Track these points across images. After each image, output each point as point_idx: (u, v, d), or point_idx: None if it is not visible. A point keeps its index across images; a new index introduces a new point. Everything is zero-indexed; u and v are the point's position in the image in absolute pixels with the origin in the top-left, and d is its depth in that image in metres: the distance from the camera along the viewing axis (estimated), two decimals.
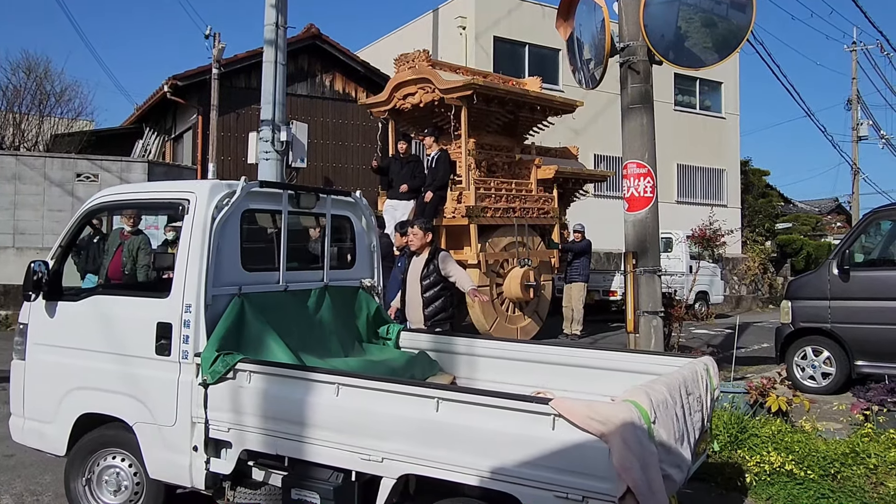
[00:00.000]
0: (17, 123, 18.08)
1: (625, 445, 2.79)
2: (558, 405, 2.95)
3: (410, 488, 3.50)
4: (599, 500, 2.86)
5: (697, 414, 3.62)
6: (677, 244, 16.60)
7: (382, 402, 3.41)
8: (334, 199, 4.95)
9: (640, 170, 6.66)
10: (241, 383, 3.74)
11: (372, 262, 5.34)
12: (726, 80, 24.53)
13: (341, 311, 4.91)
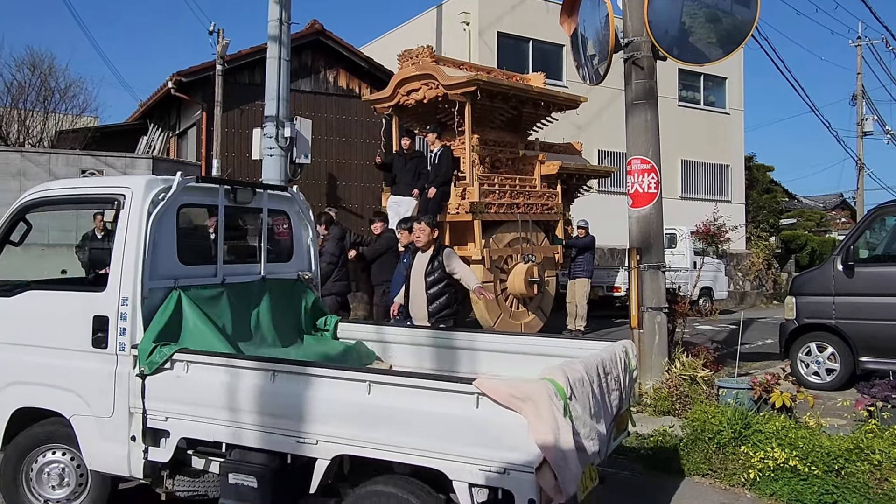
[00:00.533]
0: (22, 120, 18.11)
1: (542, 420, 2.99)
2: (481, 384, 3.14)
3: (345, 468, 3.64)
4: (519, 471, 3.06)
5: (615, 393, 3.88)
6: (681, 240, 16.59)
7: (316, 387, 3.55)
8: (271, 194, 5.03)
9: (645, 166, 6.66)
10: (179, 373, 3.85)
11: (309, 255, 5.42)
12: (731, 76, 24.46)
13: (279, 303, 5.00)
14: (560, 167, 12.58)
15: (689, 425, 5.45)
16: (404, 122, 12.62)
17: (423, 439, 3.27)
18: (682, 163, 23.19)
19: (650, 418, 5.90)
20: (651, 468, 5.30)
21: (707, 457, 5.20)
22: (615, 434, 3.99)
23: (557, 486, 2.99)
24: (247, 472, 3.65)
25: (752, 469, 4.89)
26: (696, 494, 4.82)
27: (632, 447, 5.54)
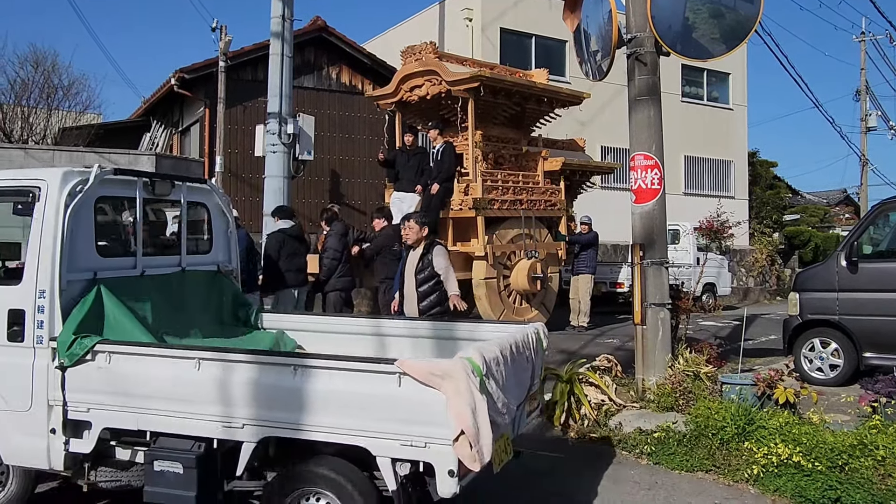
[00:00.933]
0: (26, 117, 18.13)
1: (460, 395, 3.23)
2: (402, 364, 3.34)
3: (270, 451, 3.73)
4: (439, 444, 3.27)
5: (527, 372, 4.17)
6: (685, 236, 16.57)
7: (242, 373, 3.64)
8: (190, 187, 5.05)
9: (648, 162, 6.65)
10: (101, 364, 3.88)
11: (229, 247, 5.45)
12: (734, 71, 24.40)
13: (199, 294, 5.05)
14: (563, 163, 12.57)
15: (693, 421, 5.45)
16: (407, 119, 12.62)
17: (348, 419, 3.42)
18: (686, 158, 23.15)
19: (654, 414, 5.90)
20: (655, 464, 5.30)
21: (710, 453, 5.20)
22: (528, 410, 4.29)
23: (474, 455, 3.21)
24: (172, 458, 3.69)
25: (756, 465, 4.89)
26: (699, 490, 4.82)
27: (635, 443, 5.54)
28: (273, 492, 3.64)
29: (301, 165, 11.59)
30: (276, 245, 8.26)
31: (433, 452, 3.29)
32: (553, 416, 6.18)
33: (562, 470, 5.19)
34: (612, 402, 6.21)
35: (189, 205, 5.02)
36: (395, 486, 3.36)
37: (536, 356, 4.36)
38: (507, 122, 12.24)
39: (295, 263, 8.41)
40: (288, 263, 8.29)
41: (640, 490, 4.80)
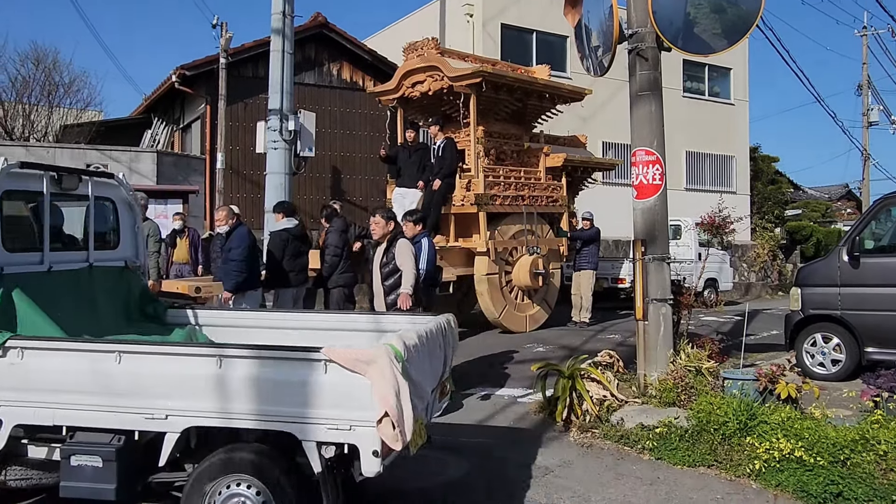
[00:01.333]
0: (27, 114, 18.16)
1: (384, 380, 3.40)
2: (328, 352, 3.48)
3: (191, 441, 3.77)
4: (363, 426, 3.42)
5: (440, 360, 4.38)
6: (686, 231, 16.55)
7: (166, 364, 3.69)
8: (97, 181, 5.01)
9: (649, 157, 6.64)
10: (13, 360, 3.82)
11: (136, 243, 5.43)
12: (735, 67, 24.36)
13: (107, 290, 5.02)
14: (565, 159, 12.57)
15: (695, 416, 5.45)
16: (409, 115, 12.62)
17: (275, 406, 3.53)
18: (687, 154, 23.13)
19: (655, 409, 5.90)
20: (657, 459, 5.31)
21: (712, 448, 5.21)
22: (438, 397, 4.49)
23: (397, 436, 3.38)
24: (91, 452, 3.68)
25: (758, 460, 4.89)
26: (701, 485, 4.83)
27: (637, 438, 5.55)
28: (197, 481, 3.67)
29: (302, 162, 11.59)
30: (281, 244, 8.24)
31: (358, 434, 3.44)
32: (555, 411, 6.19)
33: (565, 465, 5.20)
34: (614, 397, 6.21)
35: (96, 200, 4.97)
36: (321, 469, 3.50)
37: (448, 345, 4.58)
38: (509, 119, 12.24)
39: (298, 264, 8.42)
40: (291, 264, 8.29)
41: (643, 485, 4.81)
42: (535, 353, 9.76)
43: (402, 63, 12.00)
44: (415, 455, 5.26)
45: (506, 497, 4.53)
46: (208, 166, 16.03)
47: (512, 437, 5.89)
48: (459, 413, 6.58)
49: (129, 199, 5.33)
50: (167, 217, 13.11)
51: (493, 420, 6.38)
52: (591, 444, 5.68)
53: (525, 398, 7.12)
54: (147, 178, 14.92)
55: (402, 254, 6.48)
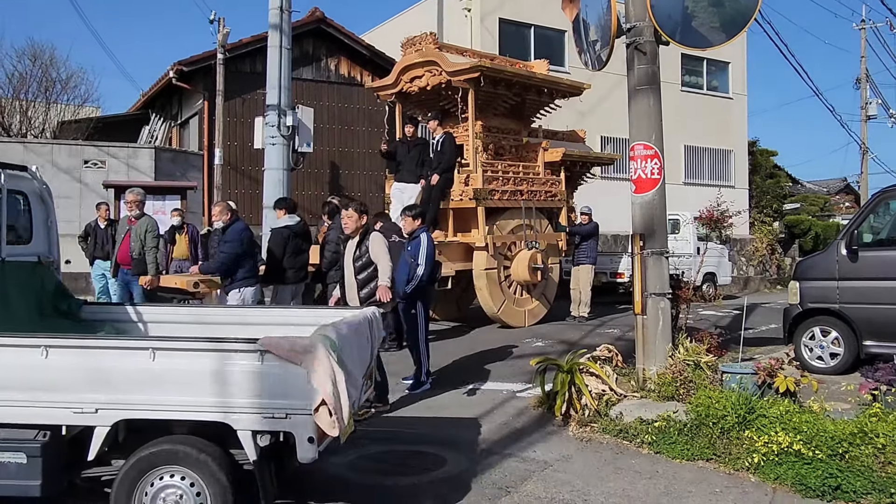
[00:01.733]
0: (24, 111, 18.13)
1: (321, 369, 3.47)
2: (265, 342, 3.52)
3: (119, 436, 3.75)
4: (298, 414, 3.50)
5: (367, 350, 4.51)
6: (685, 226, 16.57)
7: (97, 358, 3.66)
8: (10, 174, 4.92)
9: (647, 151, 6.64)
10: None
11: (49, 238, 5.36)
12: (734, 60, 24.34)
13: (19, 286, 4.93)
14: (564, 154, 12.56)
15: (693, 410, 5.46)
16: (407, 110, 12.63)
17: (210, 397, 3.56)
18: (686, 148, 23.12)
19: (654, 403, 5.91)
20: (656, 453, 5.32)
21: (711, 441, 5.22)
22: (367, 386, 4.61)
23: (333, 422, 3.46)
24: (13, 449, 3.62)
25: (757, 453, 4.90)
26: (700, 479, 4.84)
27: (636, 432, 5.56)
28: (127, 474, 3.65)
29: (300, 157, 11.58)
30: (282, 242, 8.25)
31: (294, 422, 3.51)
32: (554, 406, 6.20)
33: (564, 459, 5.21)
34: (613, 391, 6.22)
35: (9, 193, 4.88)
36: (256, 457, 3.54)
37: (374, 337, 4.72)
38: (508, 113, 12.23)
39: (298, 261, 8.43)
40: (291, 261, 8.30)
41: (642, 479, 4.82)
42: (534, 347, 9.77)
43: (401, 58, 11.99)
44: (412, 450, 5.29)
45: (505, 492, 4.54)
46: (206, 162, 16.01)
47: (511, 432, 5.89)
48: (458, 407, 6.59)
49: (42, 193, 5.22)
50: (165, 213, 13.10)
51: (492, 414, 6.38)
52: (590, 439, 5.69)
53: (524, 393, 7.13)
54: (145, 174, 14.90)
55: (375, 247, 6.51)
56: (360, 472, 4.84)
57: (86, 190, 14.30)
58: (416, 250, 7.17)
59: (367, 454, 5.22)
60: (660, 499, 4.47)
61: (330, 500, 4.35)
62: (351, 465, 4.98)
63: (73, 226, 13.60)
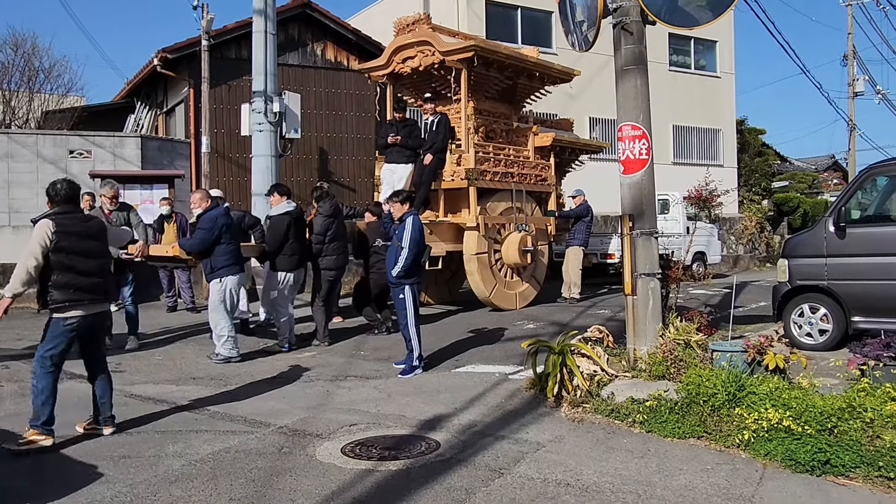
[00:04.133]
0: (7, 101, 17.94)
1: None
2: None
3: None
4: None
5: None
6: (674, 205, 16.61)
7: None
8: None
9: (635, 132, 6.64)
10: None
11: None
12: (721, 39, 24.33)
13: None
14: (553, 140, 12.57)
15: (684, 389, 5.50)
16: (398, 91, 12.67)
17: None
18: (674, 128, 23.15)
19: (645, 383, 5.95)
20: (647, 432, 5.36)
21: (702, 419, 5.26)
22: None
23: None
24: None
25: (747, 430, 4.94)
26: (691, 456, 4.88)
27: (627, 412, 5.60)
28: None
29: (288, 144, 11.54)
30: (284, 229, 8.36)
31: None
32: (546, 387, 6.23)
33: (556, 440, 5.24)
34: (605, 372, 6.25)
35: None
36: None
37: None
38: (499, 97, 12.22)
39: (299, 247, 8.55)
40: (293, 247, 8.48)
41: (633, 458, 4.85)
42: (525, 329, 9.80)
43: (393, 39, 11.96)
44: (404, 434, 5.31)
45: (498, 473, 4.57)
46: (193, 150, 15.90)
47: (503, 414, 5.92)
48: (450, 390, 6.62)
49: None
50: (153, 202, 13.04)
51: (485, 397, 6.41)
52: (582, 419, 5.72)
53: (516, 375, 7.16)
54: (132, 163, 14.80)
55: None
56: (351, 457, 4.85)
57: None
58: (400, 234, 7.29)
59: (358, 440, 5.23)
60: (652, 477, 4.50)
61: (321, 485, 4.36)
62: (342, 450, 4.99)
63: None
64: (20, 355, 8.47)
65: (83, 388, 6.95)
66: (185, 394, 6.69)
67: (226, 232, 7.78)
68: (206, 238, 7.64)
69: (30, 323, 11.04)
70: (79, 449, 5.12)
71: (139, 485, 4.40)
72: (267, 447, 5.10)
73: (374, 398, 6.44)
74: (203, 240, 7.66)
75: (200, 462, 4.80)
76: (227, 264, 7.77)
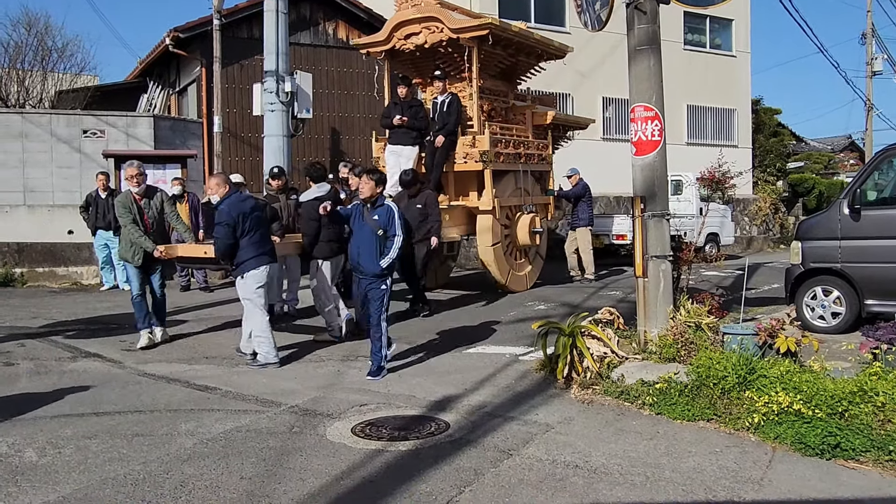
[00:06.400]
0: (21, 80, 18.00)
1: None
2: None
3: None
4: None
5: None
6: (687, 186, 16.50)
7: None
8: None
9: (648, 113, 6.58)
10: None
11: None
12: (737, 18, 23.99)
13: None
14: (553, 117, 12.38)
15: (694, 371, 5.49)
16: (395, 69, 12.05)
17: None
18: (688, 108, 22.93)
19: (656, 365, 5.95)
20: (657, 414, 5.37)
21: (712, 402, 5.26)
22: None
23: None
24: None
25: (757, 413, 4.94)
26: (700, 439, 4.88)
27: (637, 394, 5.60)
28: None
29: (300, 123, 11.53)
30: (317, 216, 7.53)
31: None
32: (556, 369, 6.24)
33: (566, 421, 5.26)
34: (615, 354, 6.25)
35: None
36: None
37: None
38: (498, 75, 11.89)
39: (335, 232, 7.79)
40: (329, 233, 7.77)
41: (643, 440, 4.87)
42: (536, 310, 9.80)
43: (395, 13, 11.36)
44: (414, 414, 5.34)
45: (507, 454, 4.59)
46: (206, 130, 15.93)
47: (513, 395, 5.94)
48: (460, 371, 6.64)
49: None
50: (166, 182, 13.07)
51: (495, 378, 6.43)
52: (591, 401, 5.74)
53: (526, 356, 7.18)
54: (145, 142, 14.84)
55: None
56: (361, 437, 4.89)
57: (86, 160, 14.25)
58: (386, 220, 6.57)
59: (368, 420, 5.27)
60: (660, 459, 4.51)
61: (331, 465, 4.40)
62: (352, 430, 5.03)
63: (75, 196, 13.61)
64: (36, 334, 8.58)
65: (96, 367, 7.03)
66: (198, 373, 6.76)
67: (246, 220, 6.78)
68: (226, 233, 6.69)
69: (45, 302, 11.17)
70: (93, 425, 5.19)
71: (152, 462, 4.46)
72: (278, 426, 5.15)
73: (383, 378, 6.47)
74: (224, 235, 6.69)
75: (212, 441, 4.85)
76: (254, 255, 6.81)
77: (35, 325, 9.13)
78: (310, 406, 5.63)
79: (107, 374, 6.73)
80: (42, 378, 6.61)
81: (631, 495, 3.99)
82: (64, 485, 4.13)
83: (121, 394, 6.05)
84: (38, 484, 4.15)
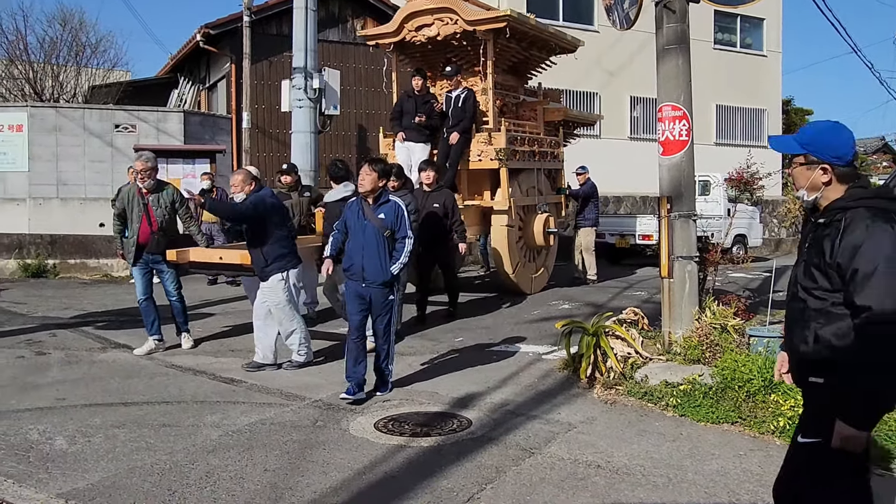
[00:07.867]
0: (56, 75, 18.31)
1: None
2: None
3: None
4: None
5: None
6: (715, 187, 16.33)
7: None
8: None
9: (676, 113, 6.54)
10: None
11: None
12: (768, 17, 23.69)
13: None
14: (565, 114, 12.16)
15: (719, 374, 5.46)
16: (403, 62, 11.71)
17: None
18: (717, 108, 22.70)
19: (680, 367, 5.91)
20: (680, 416, 5.34)
21: (737, 405, 5.22)
22: None
23: None
24: None
25: (782, 417, 4.90)
26: (724, 442, 4.85)
27: (661, 395, 5.58)
28: None
29: (327, 120, 11.59)
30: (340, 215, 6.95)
31: None
32: (579, 368, 6.23)
33: (588, 421, 5.25)
34: (639, 354, 6.23)
35: None
36: None
37: None
38: (509, 70, 11.50)
39: None
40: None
41: (666, 441, 4.85)
42: (560, 310, 9.78)
43: (406, 3, 10.87)
44: (436, 411, 5.36)
45: (528, 453, 4.60)
46: (234, 125, 16.10)
47: (536, 394, 5.94)
48: (483, 369, 6.66)
49: None
50: (195, 176, 13.25)
51: (518, 376, 6.44)
52: (614, 401, 5.72)
53: (550, 355, 7.17)
54: (174, 137, 15.03)
55: None
56: (384, 432, 4.93)
57: (117, 154, 14.46)
58: (393, 219, 5.75)
59: (391, 415, 5.30)
60: (683, 461, 4.49)
61: (354, 459, 4.44)
62: (375, 425, 5.06)
63: (107, 189, 13.83)
64: (67, 324, 8.74)
65: (125, 358, 7.15)
66: (224, 366, 6.85)
67: (275, 214, 6.48)
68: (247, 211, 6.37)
69: (76, 293, 11.37)
70: (121, 415, 5.28)
71: (178, 452, 4.53)
72: (302, 420, 5.20)
73: (407, 374, 6.50)
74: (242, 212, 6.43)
75: (237, 433, 4.92)
76: (285, 252, 6.49)
77: (66, 315, 9.31)
78: (333, 400, 5.68)
79: (135, 365, 6.84)
80: (72, 367, 6.74)
81: (653, 496, 3.98)
82: (93, 472, 4.21)
83: (148, 384, 6.16)
84: (68, 471, 4.24)
